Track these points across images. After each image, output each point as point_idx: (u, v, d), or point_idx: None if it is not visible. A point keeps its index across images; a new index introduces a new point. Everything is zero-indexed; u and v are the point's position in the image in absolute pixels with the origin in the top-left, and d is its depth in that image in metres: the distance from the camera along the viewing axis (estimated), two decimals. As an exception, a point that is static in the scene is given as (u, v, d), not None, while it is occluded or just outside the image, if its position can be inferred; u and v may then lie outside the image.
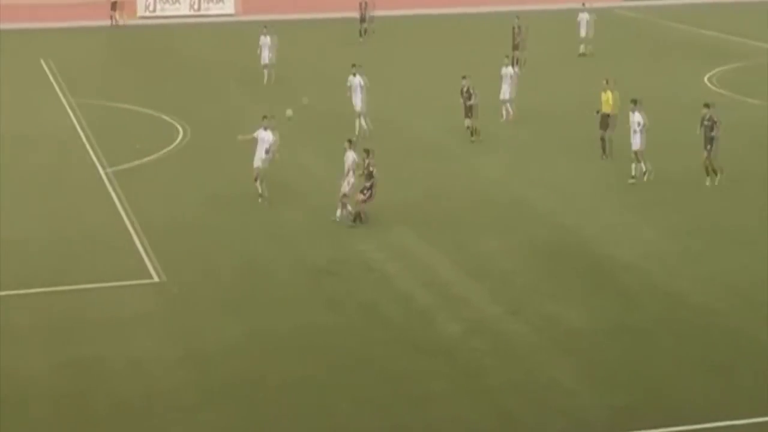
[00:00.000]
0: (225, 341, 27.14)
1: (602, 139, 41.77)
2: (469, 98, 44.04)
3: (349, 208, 34.96)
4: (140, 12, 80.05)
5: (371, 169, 35.03)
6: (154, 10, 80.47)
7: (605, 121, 41.78)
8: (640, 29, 74.96)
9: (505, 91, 47.56)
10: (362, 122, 45.30)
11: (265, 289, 30.43)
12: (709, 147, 38.01)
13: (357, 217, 34.92)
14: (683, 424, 22.87)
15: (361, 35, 69.25)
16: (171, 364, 26.06)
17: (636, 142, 38.74)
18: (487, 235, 34.26)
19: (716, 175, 38.12)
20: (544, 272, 31.33)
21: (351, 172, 35.06)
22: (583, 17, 63.67)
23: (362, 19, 69.55)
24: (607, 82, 42.39)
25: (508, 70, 47.78)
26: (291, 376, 25.30)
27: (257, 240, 34.12)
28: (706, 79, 56.80)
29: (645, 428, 22.79)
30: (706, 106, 38.86)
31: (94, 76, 58.63)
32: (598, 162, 41.25)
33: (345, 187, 35.00)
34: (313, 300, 29.62)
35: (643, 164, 38.91)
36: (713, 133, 37.87)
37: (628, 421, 23.06)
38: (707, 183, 37.99)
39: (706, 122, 38.18)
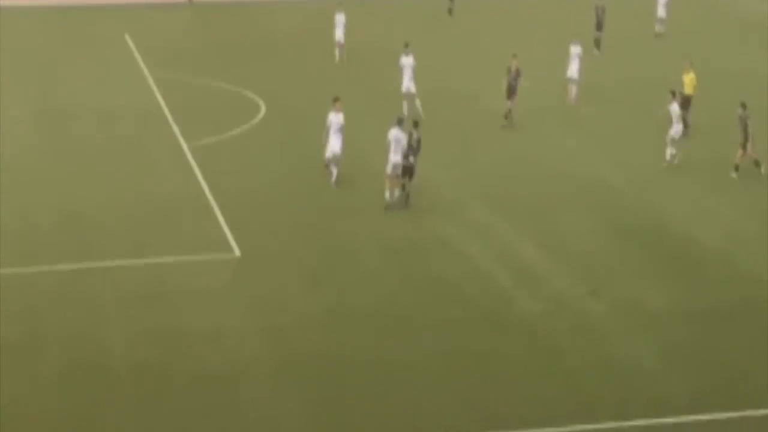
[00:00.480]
0: (304, 315, 27.28)
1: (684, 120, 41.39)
2: (516, 78, 43.32)
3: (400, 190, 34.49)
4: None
5: (414, 144, 34.52)
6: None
7: (687, 102, 41.57)
8: (718, 8, 73.68)
9: (573, 70, 47.35)
10: (416, 104, 44.39)
11: (344, 265, 30.52)
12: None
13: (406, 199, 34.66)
14: (766, 408, 22.63)
15: (450, 13, 69.15)
16: (251, 336, 26.25)
17: (676, 129, 38.38)
18: (568, 215, 34.11)
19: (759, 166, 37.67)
20: (625, 253, 31.13)
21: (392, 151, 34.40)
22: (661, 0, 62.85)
23: None
24: (691, 64, 42.31)
25: (576, 49, 47.47)
26: (369, 352, 25.40)
27: (335, 216, 34.19)
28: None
29: (726, 411, 22.61)
30: (743, 106, 38.18)
31: (175, 51, 58.96)
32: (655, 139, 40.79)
33: (388, 168, 34.48)
34: (391, 277, 29.66)
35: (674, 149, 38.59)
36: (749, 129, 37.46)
37: (709, 405, 22.88)
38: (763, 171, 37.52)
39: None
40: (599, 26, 57.84)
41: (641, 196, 35.90)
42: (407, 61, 45.16)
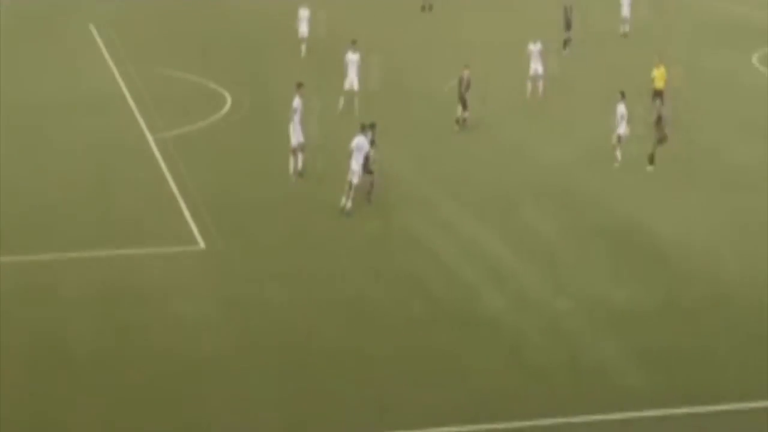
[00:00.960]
0: (270, 309, 27.28)
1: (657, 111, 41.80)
2: (467, 89, 43.01)
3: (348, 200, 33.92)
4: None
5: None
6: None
7: (659, 95, 42.19)
8: (681, 7, 74.00)
9: (536, 67, 47.63)
10: (354, 103, 44.22)
11: (311, 259, 30.47)
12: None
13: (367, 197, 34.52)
14: (733, 403, 22.87)
15: (423, 10, 68.96)
16: (215, 328, 26.24)
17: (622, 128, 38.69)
18: (534, 212, 34.23)
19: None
20: (590, 250, 31.28)
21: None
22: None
23: None
24: (660, 59, 42.89)
25: (536, 47, 47.80)
26: (335, 346, 25.44)
27: (302, 209, 34.19)
28: (755, 59, 56.28)
29: (690, 406, 22.76)
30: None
31: (141, 42, 58.72)
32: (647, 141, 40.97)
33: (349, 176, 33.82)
34: (358, 272, 29.69)
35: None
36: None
37: (677, 401, 23.00)
38: None
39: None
40: (568, 26, 57.95)
41: (608, 193, 36.06)
42: (353, 57, 45.06)
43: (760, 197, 35.35)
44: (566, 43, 56.77)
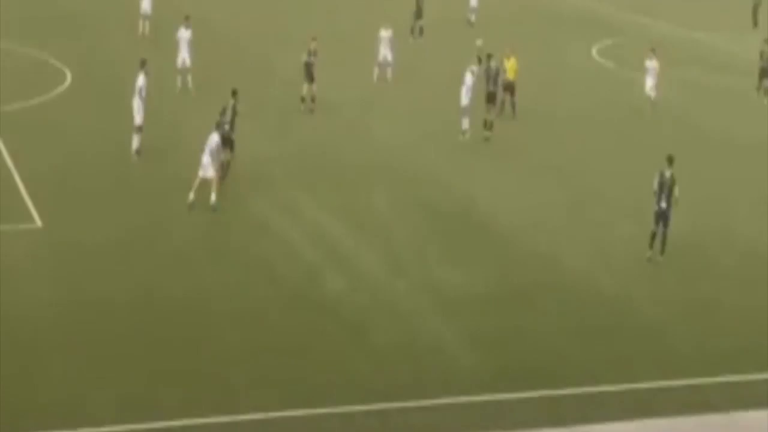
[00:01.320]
0: (108, 290, 26.86)
1: (502, 102, 43.26)
2: (314, 62, 42.81)
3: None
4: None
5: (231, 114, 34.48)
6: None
7: (510, 87, 43.03)
8: (529, 1, 75.25)
9: (385, 54, 47.91)
10: (187, 79, 44.33)
11: (152, 242, 30.13)
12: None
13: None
14: (563, 387, 23.30)
15: None
16: (52, 308, 25.75)
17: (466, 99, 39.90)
18: (376, 195, 34.45)
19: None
20: (429, 233, 31.64)
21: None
22: None
23: None
24: (512, 50, 43.62)
25: (387, 33, 48.12)
26: (177, 330, 25.20)
27: (143, 190, 33.79)
28: (594, 51, 57.52)
29: (524, 390, 23.16)
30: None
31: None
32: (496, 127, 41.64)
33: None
34: (202, 255, 29.47)
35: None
36: None
37: (508, 385, 23.37)
38: None
39: None
40: (419, 14, 58.30)
41: (448, 176, 36.47)
42: (185, 34, 44.78)
43: (598, 182, 36.24)
44: (414, 29, 57.23)
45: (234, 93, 35.03)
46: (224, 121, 34.33)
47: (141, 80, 36.13)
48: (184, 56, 44.39)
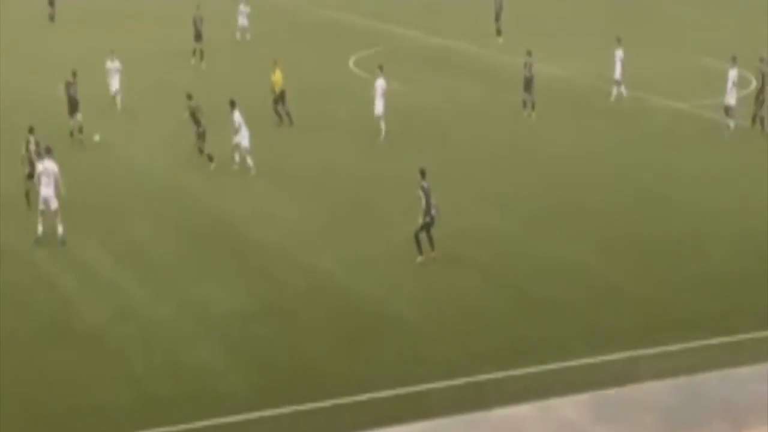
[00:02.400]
0: None
1: (277, 113, 44.92)
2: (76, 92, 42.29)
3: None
4: None
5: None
6: None
7: (282, 96, 44.65)
8: (286, 13, 75.72)
9: (114, 84, 47.48)
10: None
11: None
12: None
13: None
14: (327, 399, 23.24)
15: (51, 19, 67.97)
16: None
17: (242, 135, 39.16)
18: (136, 220, 33.91)
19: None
20: (191, 256, 31.27)
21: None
22: (243, 9, 64.08)
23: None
24: (275, 63, 45.06)
25: (115, 64, 47.51)
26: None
27: None
28: (351, 62, 58.10)
29: (291, 405, 23.02)
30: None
31: None
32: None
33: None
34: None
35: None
36: None
37: (275, 400, 23.20)
38: None
39: None
40: (198, 36, 57.64)
41: (208, 198, 36.18)
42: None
43: (355, 190, 36.48)
44: (196, 52, 57.23)
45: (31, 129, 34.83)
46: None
47: None
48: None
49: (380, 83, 43.28)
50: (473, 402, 23.12)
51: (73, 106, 42.22)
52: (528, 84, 46.36)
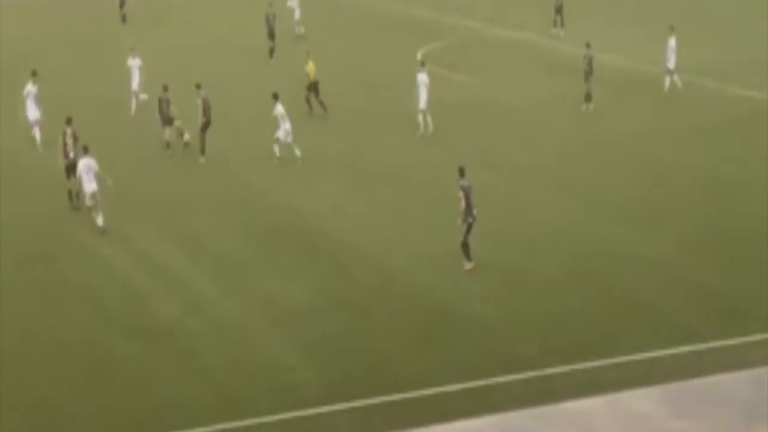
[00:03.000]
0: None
1: (309, 103, 45.73)
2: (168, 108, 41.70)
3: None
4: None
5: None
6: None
7: (315, 86, 45.44)
8: (356, 9, 75.98)
9: (133, 84, 46.84)
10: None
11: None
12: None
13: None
14: (398, 393, 23.37)
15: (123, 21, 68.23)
16: None
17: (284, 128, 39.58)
18: (205, 216, 34.22)
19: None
20: (261, 250, 31.50)
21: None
22: (294, 1, 64.28)
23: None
24: (308, 54, 46.12)
25: (135, 62, 47.00)
26: (8, 365, 24.61)
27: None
28: (419, 56, 58.07)
29: (363, 399, 23.18)
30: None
31: None
32: (309, 135, 41.71)
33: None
34: (25, 288, 28.86)
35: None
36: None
37: (347, 394, 23.41)
38: None
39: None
40: (271, 34, 57.98)
41: (277, 192, 36.42)
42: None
43: (416, 192, 36.60)
44: (273, 50, 57.28)
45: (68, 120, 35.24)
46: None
47: None
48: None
49: (422, 78, 43.11)
50: (542, 395, 23.17)
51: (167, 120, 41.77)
52: (587, 76, 46.29)
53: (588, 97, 46.17)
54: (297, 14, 64.21)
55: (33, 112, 41.71)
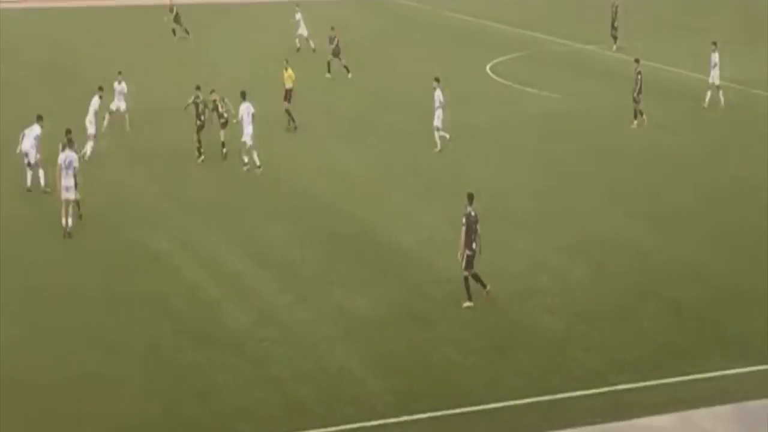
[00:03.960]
0: (4, 337, 26.36)
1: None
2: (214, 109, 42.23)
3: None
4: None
5: None
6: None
7: (288, 94, 45.68)
8: (423, 19, 76.25)
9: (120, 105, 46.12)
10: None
11: (40, 282, 29.76)
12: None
13: None
14: (465, 406, 23.36)
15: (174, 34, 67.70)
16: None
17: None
18: (274, 224, 34.33)
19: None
20: (330, 260, 31.56)
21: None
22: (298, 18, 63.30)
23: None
24: (287, 62, 46.54)
25: (121, 86, 46.11)
26: (76, 371, 24.86)
27: (26, 229, 33.51)
28: (488, 68, 58.10)
29: (430, 411, 23.19)
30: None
31: None
32: (377, 148, 41.78)
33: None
34: (96, 293, 29.13)
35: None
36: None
37: (414, 406, 23.41)
38: None
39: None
40: (336, 53, 57.47)
41: (345, 203, 36.46)
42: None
43: (501, 199, 36.56)
44: (347, 68, 56.36)
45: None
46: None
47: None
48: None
49: (438, 95, 42.52)
50: (611, 411, 23.04)
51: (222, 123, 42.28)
52: (636, 92, 45.90)
53: (638, 113, 45.79)
54: (302, 29, 62.95)
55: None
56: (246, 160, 39.59)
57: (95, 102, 41.15)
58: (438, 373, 24.98)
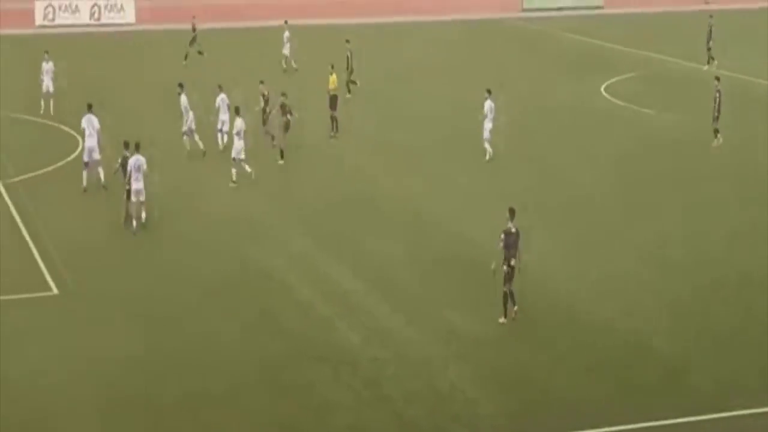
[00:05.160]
0: (123, 356, 26.88)
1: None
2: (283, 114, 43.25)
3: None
4: (38, 21, 79.30)
5: None
6: (53, 19, 79.63)
7: (334, 101, 46.77)
8: (536, 40, 76.11)
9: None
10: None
11: (162, 303, 30.25)
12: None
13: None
14: (579, 429, 23.29)
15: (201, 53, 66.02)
16: (69, 378, 25.81)
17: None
18: (385, 244, 34.50)
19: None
20: (441, 280, 31.62)
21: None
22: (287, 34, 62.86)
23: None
24: (332, 67, 47.17)
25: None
26: (190, 389, 25.27)
27: (152, 253, 34.03)
28: (603, 89, 57.78)
29: (545, 430, 23.15)
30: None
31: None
32: (484, 170, 41.81)
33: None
34: (211, 311, 29.56)
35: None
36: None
37: (526, 427, 23.40)
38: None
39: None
40: (350, 70, 55.60)
41: (450, 223, 36.48)
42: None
43: (608, 220, 36.31)
44: (350, 85, 55.02)
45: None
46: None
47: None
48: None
49: (488, 105, 42.80)
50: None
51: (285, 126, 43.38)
52: (716, 111, 45.30)
53: (716, 132, 45.26)
54: (287, 49, 62.51)
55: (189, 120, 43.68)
56: (235, 177, 40.01)
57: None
58: (551, 393, 24.93)
